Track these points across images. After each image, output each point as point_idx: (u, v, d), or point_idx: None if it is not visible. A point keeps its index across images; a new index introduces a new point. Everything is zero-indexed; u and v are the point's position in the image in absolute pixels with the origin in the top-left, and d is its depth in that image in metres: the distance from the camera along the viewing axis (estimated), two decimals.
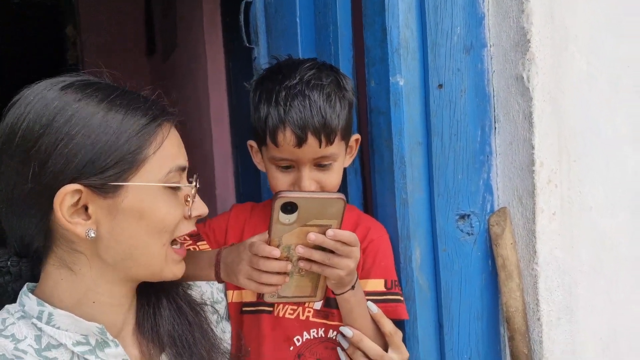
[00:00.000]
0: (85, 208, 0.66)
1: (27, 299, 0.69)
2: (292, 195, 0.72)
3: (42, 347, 0.66)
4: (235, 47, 3.02)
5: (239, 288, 0.93)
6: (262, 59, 1.49)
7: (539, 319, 0.96)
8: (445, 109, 0.99)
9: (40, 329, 0.67)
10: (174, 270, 0.73)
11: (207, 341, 0.79)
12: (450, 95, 0.99)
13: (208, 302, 0.87)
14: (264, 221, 1.00)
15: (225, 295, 0.95)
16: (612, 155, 1.06)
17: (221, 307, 0.92)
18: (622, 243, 1.08)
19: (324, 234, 0.74)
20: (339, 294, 0.84)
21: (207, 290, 0.90)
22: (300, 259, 0.76)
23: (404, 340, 0.95)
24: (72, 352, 0.67)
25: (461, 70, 1.00)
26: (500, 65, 1.00)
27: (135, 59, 5.22)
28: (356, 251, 0.78)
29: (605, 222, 1.05)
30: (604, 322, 1.04)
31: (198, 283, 0.88)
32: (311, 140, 0.86)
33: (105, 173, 0.64)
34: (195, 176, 0.73)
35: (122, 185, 0.65)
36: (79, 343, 0.67)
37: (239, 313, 0.95)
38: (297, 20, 1.24)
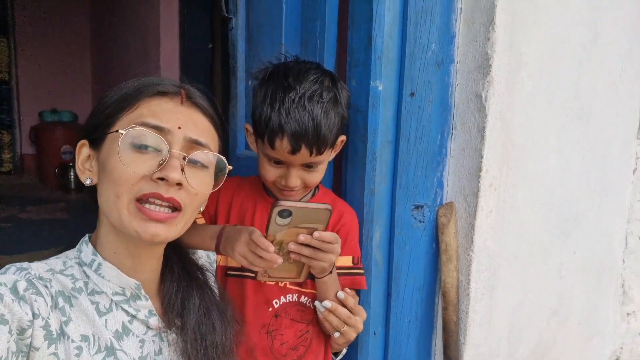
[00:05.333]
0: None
1: (85, 247, 0.80)
2: (289, 205, 0.85)
3: (88, 292, 0.77)
4: None
5: None
6: (239, 31, 1.54)
7: (468, 295, 1.18)
8: (413, 115, 1.14)
9: (88, 276, 0.78)
10: (136, 226, 0.73)
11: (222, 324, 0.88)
12: (419, 103, 1.14)
13: (206, 264, 0.99)
14: (249, 196, 1.12)
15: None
16: (539, 162, 1.27)
17: (213, 268, 1.05)
18: (536, 233, 1.32)
19: (312, 234, 0.88)
20: (319, 278, 1.00)
21: (203, 255, 1.02)
22: (291, 251, 0.91)
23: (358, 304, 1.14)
24: (111, 300, 0.78)
25: (431, 82, 1.14)
26: (463, 81, 1.15)
27: None
28: (337, 247, 0.93)
29: (527, 217, 1.27)
30: (515, 297, 1.30)
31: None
32: (304, 150, 0.96)
33: (95, 132, 0.79)
34: (166, 141, 0.74)
35: (103, 139, 0.77)
36: (116, 293, 0.78)
37: (224, 275, 1.08)
38: (283, 5, 1.31)
